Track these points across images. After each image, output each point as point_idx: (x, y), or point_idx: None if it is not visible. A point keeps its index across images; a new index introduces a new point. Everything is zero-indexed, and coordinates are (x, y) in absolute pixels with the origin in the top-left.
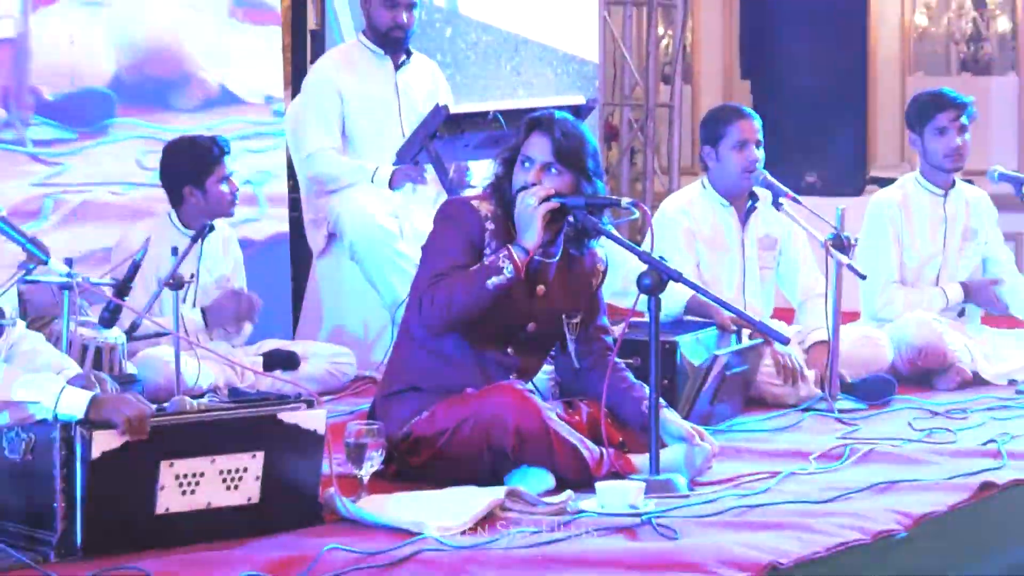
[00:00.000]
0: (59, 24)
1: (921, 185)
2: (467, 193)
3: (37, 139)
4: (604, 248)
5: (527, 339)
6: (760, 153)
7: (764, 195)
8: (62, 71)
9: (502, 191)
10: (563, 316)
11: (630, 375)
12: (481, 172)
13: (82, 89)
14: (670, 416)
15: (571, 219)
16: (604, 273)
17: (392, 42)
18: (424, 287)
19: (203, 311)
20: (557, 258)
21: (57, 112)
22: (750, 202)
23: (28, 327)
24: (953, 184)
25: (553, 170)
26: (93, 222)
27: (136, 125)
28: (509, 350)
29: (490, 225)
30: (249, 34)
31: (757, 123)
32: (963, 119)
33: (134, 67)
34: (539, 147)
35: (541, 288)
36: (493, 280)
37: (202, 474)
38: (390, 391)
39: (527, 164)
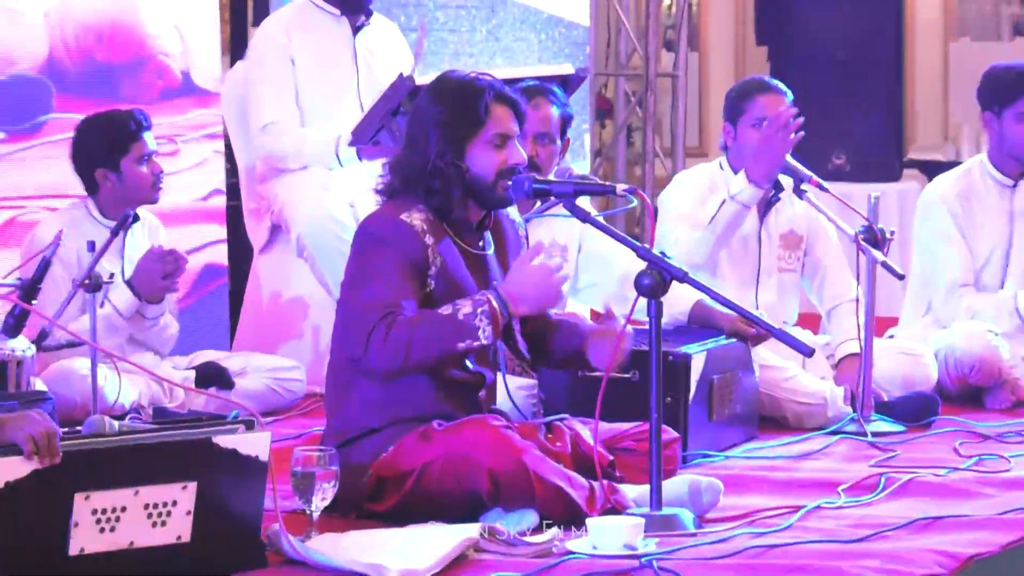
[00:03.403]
0: None
1: (988, 172)
2: None
3: None
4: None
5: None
6: None
7: (789, 185)
8: None
9: (440, 186)
10: None
11: None
12: None
13: (10, 77)
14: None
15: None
16: (527, 237)
17: (354, 1)
18: (370, 321)
19: (130, 284)
20: (492, 249)
21: None
22: (772, 192)
23: None
24: None
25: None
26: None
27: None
28: (469, 363)
29: (429, 240)
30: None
31: (784, 99)
32: None
33: (76, 48)
34: (507, 118)
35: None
36: (465, 343)
37: (124, 508)
38: (341, 441)
39: (500, 143)
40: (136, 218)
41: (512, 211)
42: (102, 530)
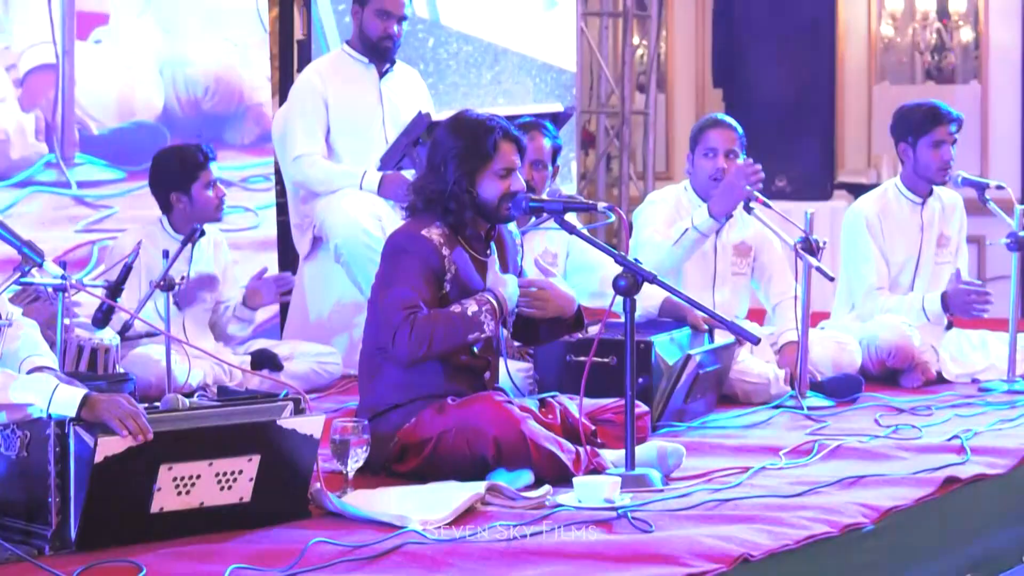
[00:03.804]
0: (105, 51)
1: (901, 193)
2: None
3: (82, 180)
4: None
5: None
6: (729, 163)
7: (740, 204)
8: (109, 103)
9: (455, 207)
10: None
11: None
12: None
13: (132, 123)
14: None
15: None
16: (522, 245)
17: (380, 52)
18: (397, 317)
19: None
20: (494, 254)
21: (104, 149)
22: None
23: None
24: (931, 192)
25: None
26: None
27: None
28: (475, 348)
29: (445, 251)
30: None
31: (732, 134)
32: (957, 133)
33: (188, 100)
34: (512, 153)
35: None
36: (474, 335)
37: (199, 476)
38: (372, 414)
39: (505, 174)
40: (202, 232)
41: (511, 224)
42: (179, 493)
